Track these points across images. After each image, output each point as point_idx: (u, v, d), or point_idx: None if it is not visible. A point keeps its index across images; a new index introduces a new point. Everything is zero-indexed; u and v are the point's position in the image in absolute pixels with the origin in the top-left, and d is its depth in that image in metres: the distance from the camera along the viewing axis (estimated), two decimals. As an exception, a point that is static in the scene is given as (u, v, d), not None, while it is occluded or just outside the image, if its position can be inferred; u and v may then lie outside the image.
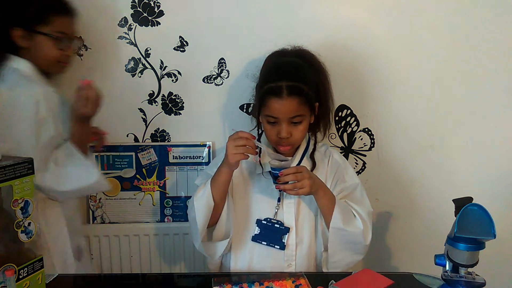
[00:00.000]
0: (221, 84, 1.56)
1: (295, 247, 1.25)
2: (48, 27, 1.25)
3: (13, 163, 0.96)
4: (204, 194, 1.20)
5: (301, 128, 1.21)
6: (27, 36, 1.25)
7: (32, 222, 1.02)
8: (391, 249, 1.69)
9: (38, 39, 1.26)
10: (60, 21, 1.27)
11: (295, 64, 1.24)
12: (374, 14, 1.50)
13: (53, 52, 1.27)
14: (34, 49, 1.27)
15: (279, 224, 1.24)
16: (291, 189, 1.14)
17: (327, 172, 1.30)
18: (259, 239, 1.25)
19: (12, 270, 0.95)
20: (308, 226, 1.26)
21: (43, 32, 1.25)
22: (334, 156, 1.33)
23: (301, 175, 1.14)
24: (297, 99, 1.17)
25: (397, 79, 1.55)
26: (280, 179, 1.14)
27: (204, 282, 1.20)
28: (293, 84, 1.17)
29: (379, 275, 1.11)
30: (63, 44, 1.28)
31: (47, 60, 1.29)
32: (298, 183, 1.13)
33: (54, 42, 1.26)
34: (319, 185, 1.19)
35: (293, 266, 1.25)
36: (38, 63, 1.28)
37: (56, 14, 1.26)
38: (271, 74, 1.22)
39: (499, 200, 1.60)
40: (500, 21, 1.51)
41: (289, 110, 1.17)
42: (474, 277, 1.05)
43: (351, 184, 1.29)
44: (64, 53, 1.29)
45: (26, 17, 1.24)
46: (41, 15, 1.24)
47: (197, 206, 1.20)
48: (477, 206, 1.02)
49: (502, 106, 1.57)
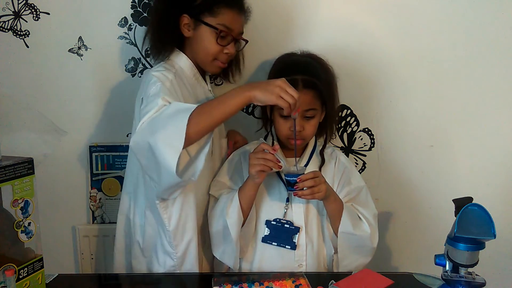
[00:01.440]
0: (221, 84, 1.55)
1: (305, 247, 1.24)
2: (214, 18, 1.18)
3: (13, 163, 0.96)
4: (235, 210, 1.19)
5: (313, 123, 1.23)
6: (192, 24, 1.20)
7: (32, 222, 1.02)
8: (391, 249, 1.69)
9: (201, 30, 1.20)
10: (227, 15, 1.19)
11: (309, 60, 1.27)
12: (375, 15, 1.50)
13: (213, 47, 1.20)
14: (195, 41, 1.22)
15: (289, 224, 1.24)
16: (309, 194, 1.14)
17: (334, 174, 1.30)
18: (269, 240, 1.24)
19: (12, 270, 0.95)
20: (316, 225, 1.26)
21: (207, 22, 1.19)
22: (341, 158, 1.34)
23: (319, 179, 1.15)
24: (311, 92, 1.19)
25: (397, 79, 1.55)
26: (299, 185, 1.14)
27: (204, 282, 1.20)
28: (308, 78, 1.19)
29: (379, 275, 1.11)
30: (224, 40, 1.21)
31: (205, 55, 1.23)
32: (315, 187, 1.13)
33: (216, 35, 1.19)
34: (331, 190, 1.20)
35: (303, 267, 1.24)
36: (196, 57, 1.25)
37: (224, 6, 1.19)
38: (286, 70, 1.23)
39: (499, 200, 1.60)
40: (500, 21, 1.51)
41: (304, 103, 1.18)
42: (474, 277, 1.05)
43: (357, 187, 1.30)
44: (224, 50, 1.22)
45: (194, 3, 1.18)
46: (209, 4, 1.18)
47: (231, 223, 1.18)
48: (477, 206, 1.02)
49: (502, 106, 1.57)
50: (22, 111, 1.48)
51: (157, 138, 1.00)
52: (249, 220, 1.23)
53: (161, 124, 1.01)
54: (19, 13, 1.42)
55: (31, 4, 1.41)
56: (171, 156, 0.99)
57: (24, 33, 1.43)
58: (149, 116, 1.04)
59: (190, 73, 1.27)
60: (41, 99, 1.48)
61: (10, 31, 1.43)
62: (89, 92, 1.50)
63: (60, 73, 1.47)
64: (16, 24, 1.42)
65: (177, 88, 1.16)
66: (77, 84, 1.48)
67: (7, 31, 1.42)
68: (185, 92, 1.21)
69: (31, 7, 1.41)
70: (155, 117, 1.03)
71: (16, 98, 1.46)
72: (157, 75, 1.15)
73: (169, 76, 1.17)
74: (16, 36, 1.43)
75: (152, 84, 1.12)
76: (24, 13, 1.42)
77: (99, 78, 1.48)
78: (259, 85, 1.05)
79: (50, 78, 1.46)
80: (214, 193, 1.30)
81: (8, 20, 1.42)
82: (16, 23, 1.42)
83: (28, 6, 1.41)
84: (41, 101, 1.48)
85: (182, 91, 1.19)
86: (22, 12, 1.42)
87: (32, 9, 1.42)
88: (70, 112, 1.50)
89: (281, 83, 1.03)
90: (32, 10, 1.42)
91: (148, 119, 1.04)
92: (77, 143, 1.54)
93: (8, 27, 1.42)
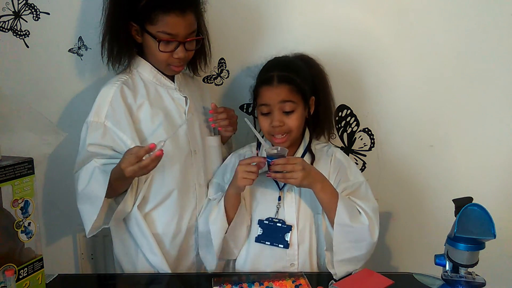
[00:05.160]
0: (221, 84, 1.56)
1: (297, 246, 1.24)
2: (154, 26, 1.15)
3: (13, 163, 0.96)
4: (218, 216, 1.22)
5: (293, 117, 1.22)
6: (139, 31, 1.19)
7: (32, 222, 1.02)
8: (391, 249, 1.69)
9: (146, 37, 1.18)
10: (165, 21, 1.14)
11: (287, 58, 1.30)
12: (375, 15, 1.50)
13: (159, 54, 1.18)
14: (146, 47, 1.22)
15: (281, 223, 1.24)
16: (281, 178, 1.16)
17: (330, 171, 1.30)
18: (263, 239, 1.24)
19: (12, 270, 0.95)
20: (309, 224, 1.26)
21: (148, 31, 1.16)
22: (337, 155, 1.33)
23: (293, 166, 1.14)
24: (287, 86, 1.21)
25: (397, 79, 1.55)
26: (271, 167, 1.16)
27: (204, 282, 1.20)
28: (283, 73, 1.21)
29: (379, 275, 1.11)
30: (168, 47, 1.17)
31: (156, 61, 1.23)
32: (288, 173, 1.14)
33: (158, 44, 1.16)
34: (316, 178, 1.18)
35: (295, 266, 1.24)
36: (151, 62, 1.25)
37: (161, 13, 1.13)
38: (264, 69, 1.28)
39: (499, 200, 1.60)
40: (500, 22, 1.51)
41: (279, 96, 1.20)
42: (474, 277, 1.05)
43: (355, 183, 1.28)
44: (173, 55, 1.19)
45: (138, 12, 1.16)
46: (147, 12, 1.14)
47: (213, 229, 1.22)
48: (477, 206, 1.02)
49: (503, 106, 1.57)
50: (22, 111, 1.48)
51: (78, 201, 1.20)
52: (241, 223, 1.24)
53: (80, 198, 1.19)
54: (19, 13, 1.42)
55: (31, 4, 1.41)
56: (86, 223, 1.19)
57: (24, 33, 1.43)
58: (77, 164, 1.21)
59: (149, 76, 1.27)
60: (41, 99, 1.47)
61: (10, 31, 1.43)
62: (89, 92, 1.49)
63: (60, 73, 1.47)
64: (16, 24, 1.42)
65: (120, 104, 1.21)
66: (77, 84, 1.48)
67: (7, 31, 1.42)
68: (140, 98, 1.24)
69: (31, 7, 1.41)
70: (78, 184, 1.19)
71: (16, 98, 1.46)
72: (95, 109, 1.21)
73: (109, 96, 1.21)
74: (16, 36, 1.43)
75: (85, 124, 1.22)
76: (24, 13, 1.42)
77: (100, 78, 1.47)
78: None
79: (50, 78, 1.46)
80: (211, 197, 1.31)
81: (8, 20, 1.42)
82: (16, 23, 1.42)
83: (28, 6, 1.41)
84: (41, 101, 1.48)
85: (136, 97, 1.23)
86: (22, 12, 1.42)
87: (32, 9, 1.42)
88: (70, 112, 1.50)
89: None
90: (32, 10, 1.42)
91: (76, 173, 1.20)
92: (77, 143, 1.54)
93: (8, 27, 1.42)
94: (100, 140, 1.20)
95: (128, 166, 1.06)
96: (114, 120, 1.20)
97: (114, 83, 1.23)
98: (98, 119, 1.20)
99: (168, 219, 1.27)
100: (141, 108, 1.23)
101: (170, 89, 1.29)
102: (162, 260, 1.25)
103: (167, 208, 1.27)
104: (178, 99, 1.29)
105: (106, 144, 1.19)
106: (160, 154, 1.07)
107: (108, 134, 1.20)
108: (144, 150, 1.06)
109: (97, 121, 1.20)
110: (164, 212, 1.27)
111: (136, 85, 1.26)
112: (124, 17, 1.19)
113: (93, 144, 1.20)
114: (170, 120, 1.26)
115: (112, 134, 1.20)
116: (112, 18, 1.22)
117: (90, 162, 1.19)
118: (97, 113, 1.20)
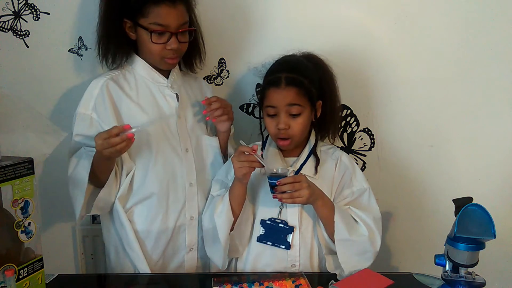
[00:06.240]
0: (221, 84, 1.55)
1: (298, 248, 1.24)
2: (146, 18, 1.18)
3: (13, 163, 0.96)
4: (224, 209, 1.20)
5: (300, 120, 1.21)
6: (133, 27, 1.22)
7: (32, 222, 1.02)
8: (391, 249, 1.69)
9: (140, 32, 1.21)
10: (156, 12, 1.18)
11: (295, 59, 1.28)
12: (375, 16, 1.50)
13: (152, 47, 1.21)
14: (140, 43, 1.24)
15: (284, 224, 1.23)
16: (289, 198, 1.14)
17: (334, 175, 1.29)
18: (264, 239, 1.24)
19: (12, 270, 0.95)
20: (311, 226, 1.25)
21: (140, 24, 1.19)
22: (343, 159, 1.32)
23: (299, 184, 1.13)
24: (295, 89, 1.19)
25: (397, 79, 1.55)
26: (277, 188, 1.14)
27: (204, 282, 1.20)
28: (292, 75, 1.20)
29: (379, 275, 1.11)
30: (161, 38, 1.20)
31: (150, 55, 1.25)
32: (295, 192, 1.13)
33: (150, 35, 1.19)
34: (318, 195, 1.19)
35: (296, 267, 1.24)
36: (145, 57, 1.27)
37: (152, 5, 1.17)
38: (272, 69, 1.26)
39: (499, 200, 1.60)
40: (500, 22, 1.51)
41: (286, 98, 1.19)
42: (474, 277, 1.05)
43: (358, 189, 1.28)
44: (167, 47, 1.21)
45: (130, 7, 1.19)
46: (139, 5, 1.18)
47: (219, 223, 1.20)
48: (477, 206, 1.02)
49: (502, 106, 1.57)
50: (22, 111, 1.47)
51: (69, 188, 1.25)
52: (246, 219, 1.23)
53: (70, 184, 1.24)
54: (19, 13, 1.42)
55: (31, 4, 1.41)
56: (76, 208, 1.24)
57: (24, 33, 1.43)
58: (69, 153, 1.27)
59: (143, 72, 1.29)
60: (41, 99, 1.47)
61: (10, 31, 1.43)
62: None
63: (60, 73, 1.47)
64: (16, 24, 1.42)
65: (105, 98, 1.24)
66: (77, 84, 1.48)
67: (7, 31, 1.42)
68: (128, 92, 1.27)
69: (31, 7, 1.41)
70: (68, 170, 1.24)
71: (16, 98, 1.46)
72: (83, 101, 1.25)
73: (96, 88, 1.24)
74: (16, 36, 1.43)
75: (74, 115, 1.26)
76: (24, 13, 1.42)
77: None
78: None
79: (50, 78, 1.46)
80: (215, 193, 1.30)
81: (8, 20, 1.42)
82: (16, 23, 1.42)
83: (28, 6, 1.41)
84: (41, 101, 1.48)
85: (124, 92, 1.26)
86: (22, 12, 1.42)
87: (32, 9, 1.42)
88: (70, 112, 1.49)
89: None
90: (32, 10, 1.42)
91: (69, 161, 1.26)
92: (77, 143, 1.54)
93: (8, 27, 1.42)
94: (86, 131, 1.24)
95: (98, 140, 1.09)
96: (100, 112, 1.24)
97: (103, 77, 1.27)
98: (85, 110, 1.24)
99: (151, 216, 1.27)
100: (126, 102, 1.26)
101: (161, 85, 1.31)
102: (140, 256, 1.26)
103: (151, 204, 1.27)
104: (169, 95, 1.31)
105: (92, 134, 1.20)
106: (131, 137, 1.09)
107: (94, 125, 1.24)
108: (117, 128, 1.09)
109: (84, 113, 1.24)
110: (147, 208, 1.27)
111: (126, 80, 1.29)
112: (117, 15, 1.23)
113: (79, 134, 1.25)
114: (158, 116, 1.28)
115: (97, 126, 1.23)
116: (106, 17, 1.25)
117: (80, 150, 1.24)
118: (84, 105, 1.25)
